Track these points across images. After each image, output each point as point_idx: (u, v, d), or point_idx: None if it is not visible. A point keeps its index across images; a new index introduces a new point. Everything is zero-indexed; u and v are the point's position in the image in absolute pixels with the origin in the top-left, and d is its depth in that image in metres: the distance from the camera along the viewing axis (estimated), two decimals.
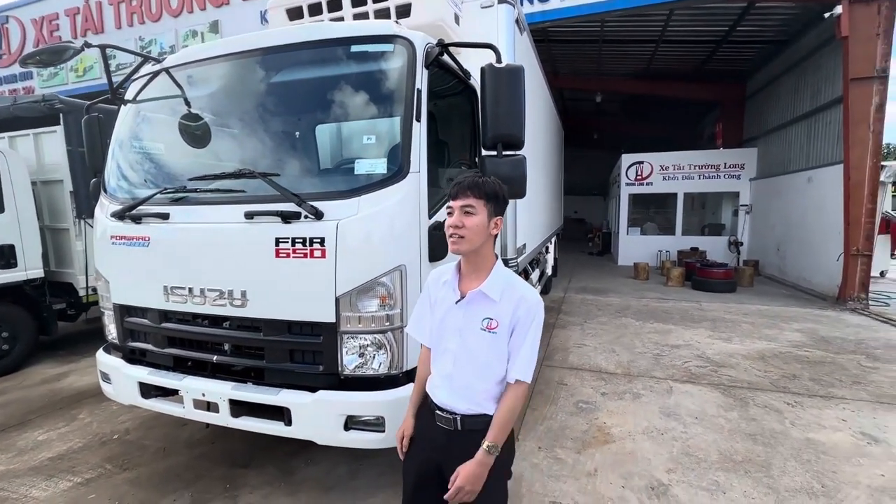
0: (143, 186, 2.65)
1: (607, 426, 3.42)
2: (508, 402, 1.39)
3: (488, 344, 1.38)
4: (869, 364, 4.76)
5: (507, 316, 1.37)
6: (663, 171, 12.58)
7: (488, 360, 1.39)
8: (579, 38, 10.72)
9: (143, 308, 2.57)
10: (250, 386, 2.28)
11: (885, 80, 6.95)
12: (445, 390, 1.45)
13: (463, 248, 1.39)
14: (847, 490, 2.63)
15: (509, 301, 1.38)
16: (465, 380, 1.41)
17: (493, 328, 1.37)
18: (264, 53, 2.48)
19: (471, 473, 1.35)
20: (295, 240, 2.10)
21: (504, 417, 1.38)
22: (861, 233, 7.24)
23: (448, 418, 1.43)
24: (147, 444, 3.23)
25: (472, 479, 1.35)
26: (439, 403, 1.46)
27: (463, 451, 1.40)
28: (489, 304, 1.39)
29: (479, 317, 1.39)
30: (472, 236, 1.37)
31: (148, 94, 2.77)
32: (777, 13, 8.73)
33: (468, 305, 1.41)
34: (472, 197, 1.37)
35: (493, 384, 1.40)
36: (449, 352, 1.44)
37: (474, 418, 1.41)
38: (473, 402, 1.41)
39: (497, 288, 1.39)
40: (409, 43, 2.22)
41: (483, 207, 1.37)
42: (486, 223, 1.38)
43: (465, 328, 1.41)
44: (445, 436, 1.44)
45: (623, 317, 6.88)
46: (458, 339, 1.42)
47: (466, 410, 1.41)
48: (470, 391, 1.41)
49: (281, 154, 2.49)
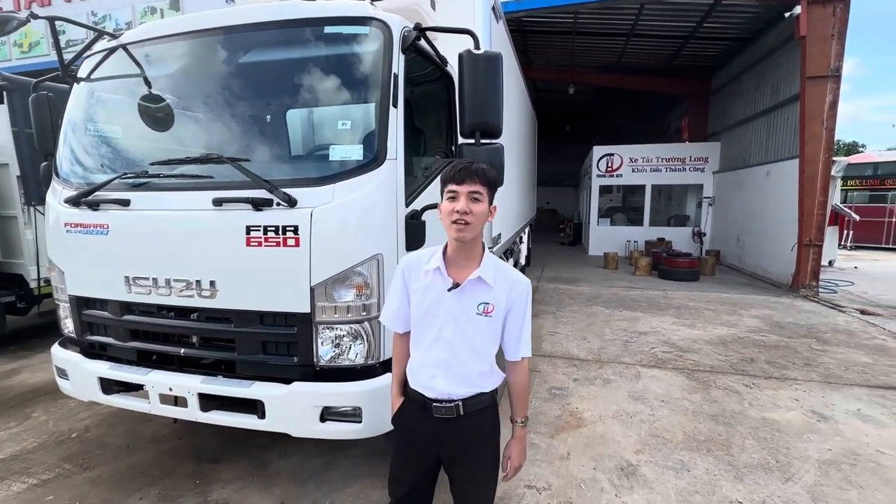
0: (100, 171, 2.49)
1: (579, 411, 3.51)
2: (520, 377, 1.52)
3: (485, 327, 1.41)
4: (819, 347, 5.08)
5: (503, 300, 1.41)
6: (632, 164, 12.92)
7: (484, 343, 1.43)
8: (553, 30, 10.78)
9: (102, 300, 2.43)
10: (221, 379, 2.21)
11: (838, 80, 7.34)
12: (444, 379, 1.42)
13: (468, 235, 1.35)
14: (799, 464, 2.81)
15: (503, 285, 1.41)
16: (464, 365, 1.42)
17: (489, 312, 1.40)
18: (232, 32, 2.35)
19: (521, 450, 1.54)
20: (267, 228, 2.03)
21: (522, 392, 1.54)
22: (813, 224, 7.68)
23: (449, 406, 1.43)
24: (109, 441, 3.09)
25: (522, 453, 1.54)
26: (437, 395, 1.43)
27: (466, 432, 1.45)
28: (485, 290, 1.40)
29: (474, 302, 1.39)
30: (477, 223, 1.35)
31: (103, 73, 2.59)
32: (741, 11, 9.03)
33: (463, 292, 1.39)
34: (479, 183, 1.34)
35: (488, 364, 1.46)
36: (444, 340, 1.41)
37: (473, 399, 1.45)
38: (471, 384, 1.45)
39: (491, 273, 1.40)
40: (386, 26, 2.16)
41: (486, 194, 1.37)
42: (487, 210, 1.38)
43: (459, 315, 1.40)
44: (444, 424, 1.44)
45: (594, 305, 7.07)
46: (452, 326, 1.40)
47: (466, 394, 1.44)
48: (469, 375, 1.44)
49: (251, 139, 2.38)
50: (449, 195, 1.36)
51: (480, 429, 1.48)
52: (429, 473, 1.52)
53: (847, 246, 14.91)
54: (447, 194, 1.36)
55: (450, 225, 1.35)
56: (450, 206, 1.34)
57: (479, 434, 1.48)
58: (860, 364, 4.56)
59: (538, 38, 11.34)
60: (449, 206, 1.34)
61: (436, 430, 1.45)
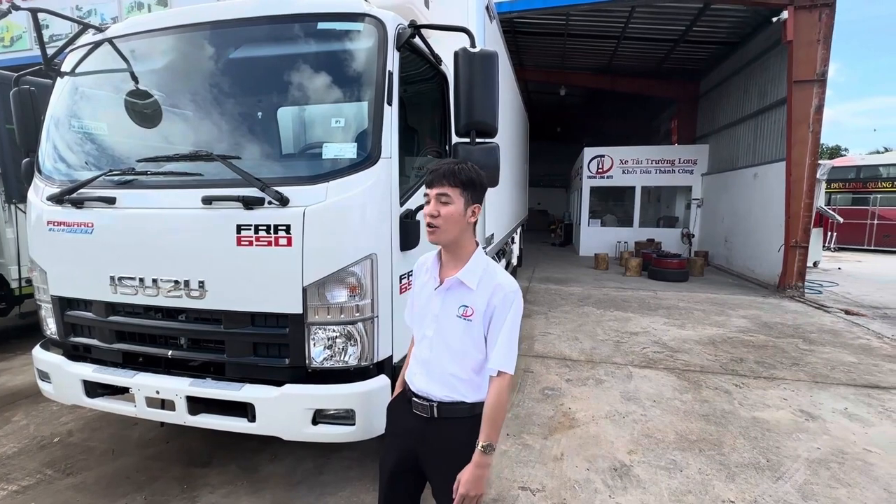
0: (85, 168, 2.42)
1: (572, 411, 3.51)
2: (492, 396, 1.34)
3: (463, 331, 1.36)
4: (805, 347, 5.16)
5: (483, 303, 1.34)
6: (623, 165, 13.03)
7: (463, 347, 1.37)
8: (545, 31, 10.83)
9: (86, 301, 2.36)
10: (210, 381, 2.16)
11: (823, 84, 7.48)
12: (423, 377, 1.43)
13: (440, 239, 1.36)
14: (789, 463, 2.84)
15: (486, 289, 1.35)
16: (442, 366, 1.40)
17: (468, 315, 1.35)
18: (223, 27, 2.31)
19: (472, 478, 1.31)
20: (258, 227, 1.99)
21: (491, 413, 1.33)
22: (800, 226, 7.81)
23: (424, 405, 1.41)
24: (93, 445, 3.01)
25: (473, 482, 1.31)
26: (416, 391, 1.44)
27: (439, 438, 1.40)
28: (466, 292, 1.37)
29: (455, 304, 1.37)
30: (447, 226, 1.33)
31: (88, 67, 2.53)
32: (730, 15, 9.15)
33: (446, 292, 1.39)
34: (448, 185, 1.32)
35: (468, 371, 1.38)
36: (426, 338, 1.43)
37: (451, 406, 1.39)
38: (450, 387, 1.39)
39: (475, 276, 1.36)
40: (380, 23, 2.13)
41: (459, 196, 1.33)
42: (462, 212, 1.34)
43: (441, 315, 1.40)
44: (422, 423, 1.42)
45: (585, 305, 7.10)
46: (434, 325, 1.41)
47: (443, 397, 1.40)
48: (446, 376, 1.39)
49: (242, 137, 2.34)
50: (425, 198, 1.38)
51: (454, 440, 1.38)
52: (406, 470, 1.48)
53: (831, 247, 15.21)
54: (424, 197, 1.39)
55: (425, 228, 1.37)
56: (424, 209, 1.37)
57: (453, 444, 1.38)
58: (846, 363, 4.63)
59: (530, 39, 11.39)
60: (424, 209, 1.37)
61: (414, 426, 1.44)
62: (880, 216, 15.92)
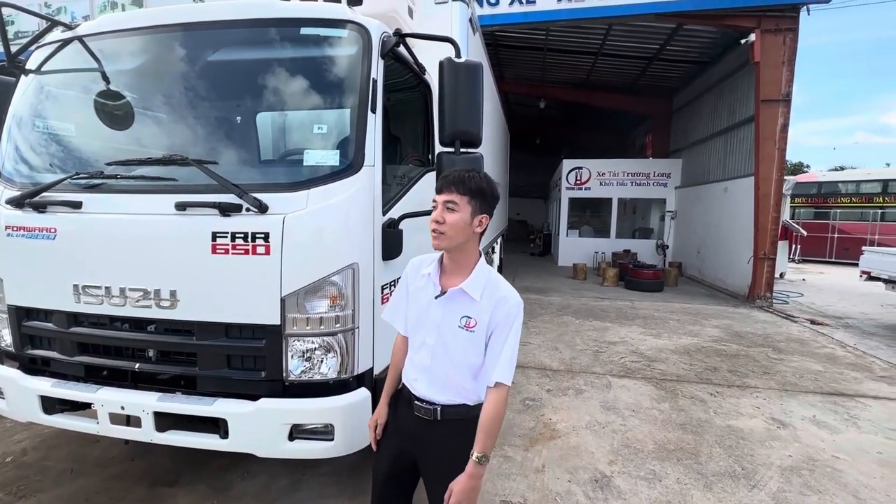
0: (49, 171, 2.30)
1: (553, 422, 3.51)
2: (490, 407, 1.34)
3: (465, 341, 1.37)
4: (775, 356, 5.33)
5: (486, 315, 1.35)
6: (600, 177, 13.32)
7: (466, 357, 1.38)
8: (526, 45, 11.05)
9: (46, 310, 2.22)
10: (180, 396, 2.05)
11: (788, 104, 7.86)
12: (424, 383, 1.44)
13: (442, 245, 1.37)
14: (763, 471, 2.90)
15: (489, 301, 1.36)
16: (444, 373, 1.41)
17: (471, 327, 1.36)
18: (203, 28, 2.24)
19: (465, 488, 1.30)
20: (235, 235, 1.92)
21: (488, 424, 1.33)
22: (767, 238, 8.12)
23: (427, 409, 1.42)
24: (49, 465, 2.82)
25: (466, 493, 1.30)
26: (418, 395, 1.44)
27: (442, 440, 1.41)
28: (469, 303, 1.37)
29: (457, 314, 1.38)
30: (452, 233, 1.34)
31: (56, 66, 2.41)
32: (701, 36, 9.54)
33: (448, 302, 1.39)
34: (456, 193, 1.34)
35: (470, 378, 1.40)
36: (427, 346, 1.43)
37: (454, 408, 1.41)
38: (453, 392, 1.41)
39: (478, 286, 1.37)
40: (365, 30, 2.11)
41: (467, 204, 1.34)
42: (468, 220, 1.35)
43: (442, 324, 1.40)
44: (424, 426, 1.43)
45: (564, 315, 7.16)
46: (435, 334, 1.41)
47: (446, 401, 1.41)
48: (449, 383, 1.41)
49: (220, 142, 2.27)
50: (432, 205, 1.40)
51: (455, 441, 1.38)
52: (402, 472, 1.50)
53: (795, 259, 15.87)
54: (431, 205, 1.41)
55: (431, 233, 1.38)
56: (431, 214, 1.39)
57: (458, 445, 1.37)
58: (813, 372, 4.80)
59: (511, 52, 11.60)
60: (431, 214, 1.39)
61: (416, 429, 1.45)
62: (840, 230, 16.74)
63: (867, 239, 15.25)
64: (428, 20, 3.28)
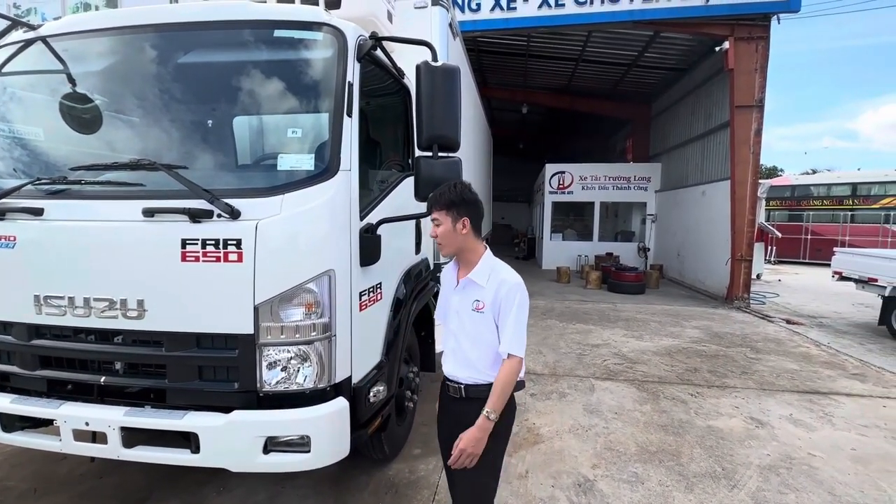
0: (9, 176, 2.20)
1: (537, 426, 3.50)
2: (503, 373, 1.57)
3: (478, 321, 1.62)
4: (753, 356, 5.43)
5: (491, 297, 1.59)
6: (582, 181, 13.49)
7: (480, 334, 1.62)
8: (507, 51, 11.16)
9: (4, 323, 2.12)
10: (148, 410, 1.97)
11: (761, 109, 8.09)
12: (451, 363, 1.70)
13: (445, 252, 1.67)
14: (742, 471, 2.93)
15: (493, 284, 1.60)
16: (464, 352, 1.65)
17: (480, 308, 1.61)
18: (174, 30, 2.18)
19: (472, 437, 1.53)
20: (206, 241, 1.85)
21: (500, 387, 1.56)
22: (744, 240, 8.32)
23: (455, 387, 1.67)
24: (11, 485, 2.68)
25: (472, 442, 1.53)
26: (447, 375, 1.71)
27: (468, 415, 1.58)
28: (477, 289, 1.62)
29: (470, 299, 1.63)
30: (445, 242, 1.63)
31: (18, 67, 2.32)
32: (678, 44, 9.77)
33: (462, 290, 1.66)
34: (436, 210, 1.62)
35: (487, 355, 1.61)
36: (451, 331, 1.70)
37: (476, 387, 1.62)
38: (473, 369, 1.63)
39: (484, 274, 1.62)
40: (340, 33, 2.08)
41: (446, 216, 1.60)
42: (451, 229, 1.60)
43: (461, 310, 1.66)
44: (455, 404, 1.67)
45: (548, 318, 7.20)
46: (456, 319, 1.68)
47: (468, 379, 1.64)
48: (469, 361, 1.64)
49: (190, 146, 2.20)
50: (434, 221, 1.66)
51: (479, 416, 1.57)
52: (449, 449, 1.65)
53: (771, 261, 16.29)
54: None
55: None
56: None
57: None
58: (789, 371, 4.91)
59: (493, 58, 11.69)
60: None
61: (451, 407, 1.70)
62: (813, 231, 17.28)
63: (838, 240, 15.75)
64: (408, 25, 3.27)
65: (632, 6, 8.09)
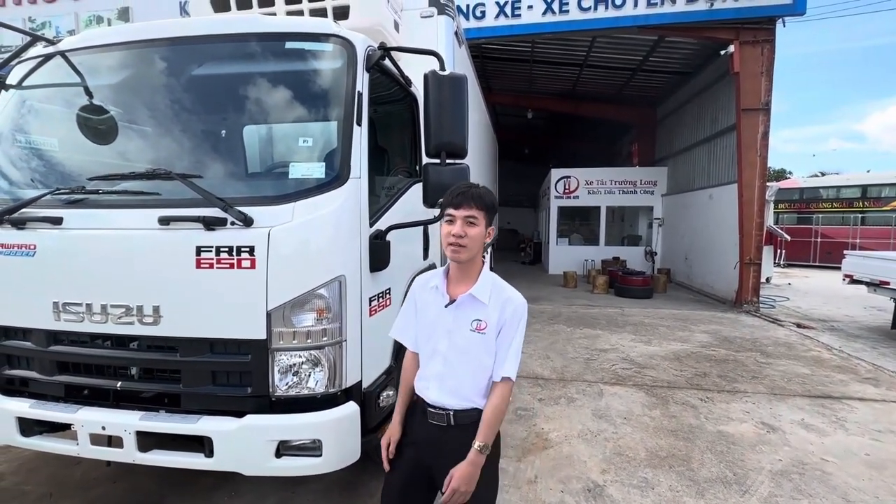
0: (30, 186, 2.26)
1: (545, 432, 3.49)
2: (495, 400, 1.44)
3: (478, 343, 1.45)
4: (763, 360, 5.38)
5: (495, 317, 1.44)
6: (588, 186, 13.47)
7: (478, 358, 1.45)
8: (512, 57, 11.22)
9: (24, 329, 2.17)
10: (163, 415, 2.00)
11: (768, 112, 8.05)
12: (436, 390, 1.49)
13: (463, 257, 1.43)
14: (754, 476, 2.91)
15: (497, 303, 1.45)
16: (456, 378, 1.47)
17: (482, 329, 1.44)
18: (189, 43, 2.24)
19: (465, 474, 1.39)
20: (220, 249, 1.89)
21: (491, 417, 1.42)
22: (752, 244, 8.26)
23: (441, 414, 1.47)
24: (28, 489, 2.73)
25: (466, 479, 1.38)
26: (430, 402, 1.49)
27: (458, 444, 1.43)
28: (478, 307, 1.45)
29: (468, 318, 1.45)
30: (473, 246, 1.43)
31: (38, 81, 2.39)
32: (682, 48, 9.78)
33: (458, 308, 1.47)
34: (476, 208, 1.42)
35: (482, 380, 1.47)
36: (439, 353, 1.49)
37: (466, 413, 1.46)
38: (463, 398, 1.46)
39: (486, 291, 1.46)
40: (350, 44, 2.12)
41: (483, 218, 1.44)
42: (484, 233, 1.45)
43: (454, 330, 1.47)
44: (439, 433, 1.47)
45: (555, 323, 7.18)
46: (447, 341, 1.48)
47: (457, 406, 1.46)
48: (460, 388, 1.46)
49: (205, 155, 2.26)
50: (447, 219, 1.45)
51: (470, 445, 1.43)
52: (417, 484, 1.52)
53: (781, 264, 16.14)
54: (446, 218, 1.45)
55: (447, 247, 1.44)
56: (447, 228, 1.43)
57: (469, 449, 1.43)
58: (800, 375, 4.85)
59: (498, 64, 11.77)
60: (447, 228, 1.44)
61: (431, 437, 1.49)
62: (822, 234, 17.10)
63: (849, 243, 15.57)
64: (414, 34, 3.32)
65: (636, 11, 8.12)
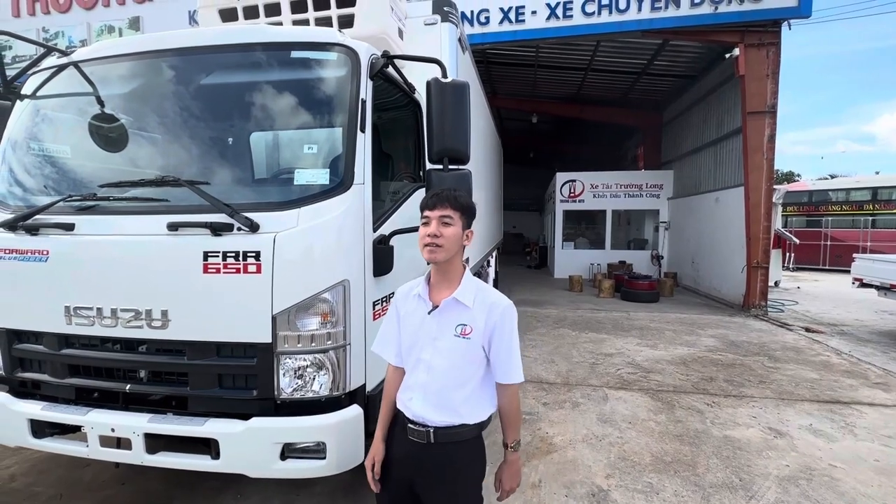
0: (43, 193, 2.32)
1: (550, 436, 3.49)
2: (507, 403, 1.48)
3: (463, 349, 1.41)
4: (771, 365, 5.33)
5: (481, 321, 1.41)
6: (594, 189, 13.45)
7: (462, 365, 1.42)
8: (517, 62, 11.26)
9: (36, 333, 2.22)
10: (171, 417, 2.04)
11: (774, 115, 8.01)
12: (419, 401, 1.44)
13: (439, 257, 1.41)
14: (760, 482, 2.88)
15: (481, 306, 1.42)
16: (440, 387, 1.42)
17: (466, 334, 1.40)
18: (196, 53, 2.30)
19: (511, 473, 1.50)
20: (226, 254, 1.93)
21: (511, 417, 1.49)
22: (760, 247, 8.19)
23: (421, 431, 1.42)
24: (38, 490, 2.77)
25: (514, 477, 1.50)
26: (412, 416, 1.45)
27: (437, 465, 1.41)
28: (462, 311, 1.42)
29: (452, 324, 1.42)
30: (448, 245, 1.41)
31: (52, 90, 2.46)
32: (687, 51, 9.77)
33: (441, 314, 1.44)
34: (450, 208, 1.42)
35: (467, 389, 1.43)
36: (422, 362, 1.45)
37: (448, 430, 1.41)
38: (448, 409, 1.41)
39: (469, 294, 1.44)
40: (354, 52, 2.17)
41: (459, 219, 1.43)
42: (460, 234, 1.43)
43: (438, 337, 1.43)
44: (420, 450, 1.43)
45: (561, 327, 7.16)
46: (431, 348, 1.43)
47: (440, 422, 1.41)
48: (444, 399, 1.41)
49: (211, 162, 2.30)
50: (423, 220, 1.44)
51: (455, 463, 1.43)
52: (403, 495, 1.48)
53: (789, 267, 15.97)
54: (422, 220, 1.45)
55: (423, 248, 1.42)
56: (423, 230, 1.43)
57: (454, 469, 1.43)
58: (809, 380, 4.80)
59: (503, 69, 11.81)
60: (423, 230, 1.43)
61: (412, 453, 1.44)
62: (832, 238, 16.90)
63: (859, 246, 15.38)
64: (418, 41, 3.36)
65: (640, 16, 8.13)
